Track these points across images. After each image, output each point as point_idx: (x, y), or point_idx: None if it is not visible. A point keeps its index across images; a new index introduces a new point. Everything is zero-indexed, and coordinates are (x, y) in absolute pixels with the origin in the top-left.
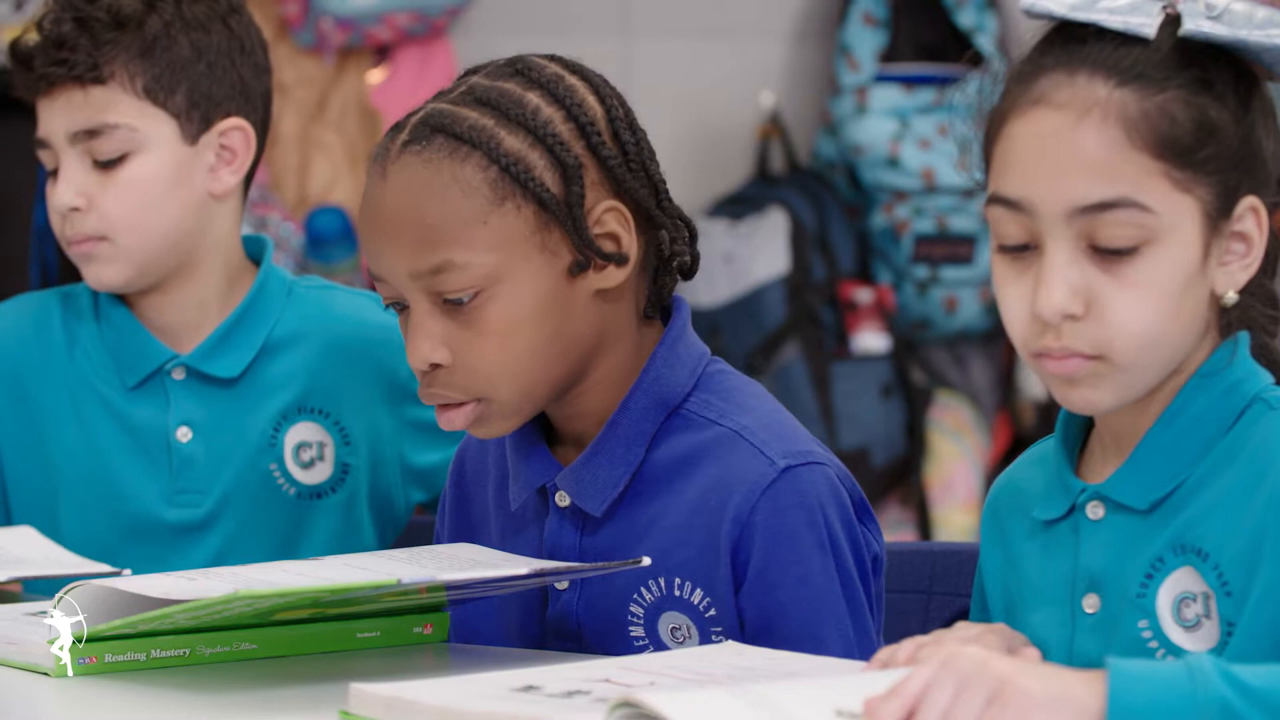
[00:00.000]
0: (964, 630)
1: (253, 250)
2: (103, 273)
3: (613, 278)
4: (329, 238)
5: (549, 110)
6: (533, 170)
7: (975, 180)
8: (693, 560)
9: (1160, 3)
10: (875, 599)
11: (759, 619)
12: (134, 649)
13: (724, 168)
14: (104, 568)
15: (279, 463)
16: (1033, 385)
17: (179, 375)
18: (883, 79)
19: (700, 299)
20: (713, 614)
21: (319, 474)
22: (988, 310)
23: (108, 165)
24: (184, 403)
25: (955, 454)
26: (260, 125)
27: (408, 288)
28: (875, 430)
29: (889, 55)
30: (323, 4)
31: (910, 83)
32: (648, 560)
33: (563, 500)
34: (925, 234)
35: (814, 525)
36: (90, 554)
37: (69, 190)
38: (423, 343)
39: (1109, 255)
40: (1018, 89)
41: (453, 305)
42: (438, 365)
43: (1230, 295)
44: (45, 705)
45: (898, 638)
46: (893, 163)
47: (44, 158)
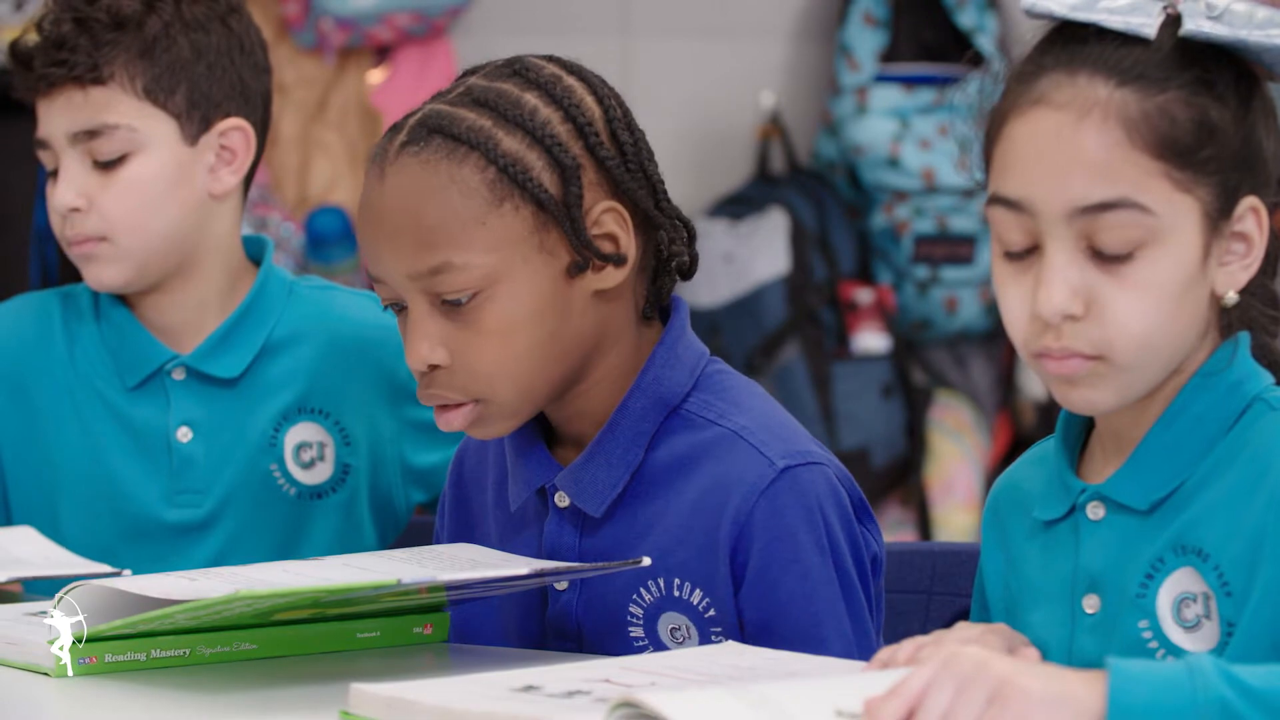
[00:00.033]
0: (964, 630)
1: (253, 250)
2: (103, 273)
3: (611, 278)
4: (329, 238)
5: (547, 111)
6: (531, 171)
7: (975, 180)
8: (692, 560)
9: (1161, 3)
10: (875, 599)
11: (758, 619)
12: (134, 649)
13: (724, 168)
14: (104, 568)
15: (279, 463)
16: (1033, 385)
17: (179, 375)
18: (883, 79)
19: (700, 299)
20: (712, 614)
21: (319, 474)
22: (988, 310)
23: (108, 166)
24: (184, 403)
25: (955, 454)
26: (260, 125)
27: (406, 289)
28: (875, 430)
29: (889, 55)
30: (323, 4)
31: (910, 83)
32: (647, 560)
33: (562, 501)
34: (925, 234)
35: (813, 525)
36: (90, 554)
37: (69, 191)
38: (421, 344)
39: (1109, 256)
40: (1018, 89)
41: (451, 306)
42: (436, 366)
43: (1230, 295)
44: (45, 705)
45: (898, 638)
46: (893, 163)
47: (44, 158)
